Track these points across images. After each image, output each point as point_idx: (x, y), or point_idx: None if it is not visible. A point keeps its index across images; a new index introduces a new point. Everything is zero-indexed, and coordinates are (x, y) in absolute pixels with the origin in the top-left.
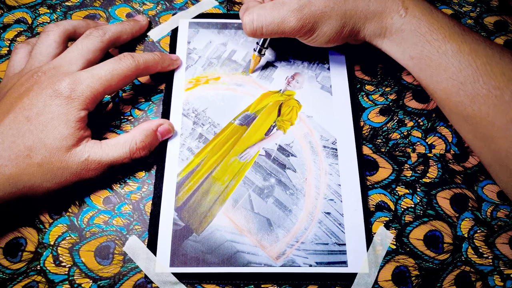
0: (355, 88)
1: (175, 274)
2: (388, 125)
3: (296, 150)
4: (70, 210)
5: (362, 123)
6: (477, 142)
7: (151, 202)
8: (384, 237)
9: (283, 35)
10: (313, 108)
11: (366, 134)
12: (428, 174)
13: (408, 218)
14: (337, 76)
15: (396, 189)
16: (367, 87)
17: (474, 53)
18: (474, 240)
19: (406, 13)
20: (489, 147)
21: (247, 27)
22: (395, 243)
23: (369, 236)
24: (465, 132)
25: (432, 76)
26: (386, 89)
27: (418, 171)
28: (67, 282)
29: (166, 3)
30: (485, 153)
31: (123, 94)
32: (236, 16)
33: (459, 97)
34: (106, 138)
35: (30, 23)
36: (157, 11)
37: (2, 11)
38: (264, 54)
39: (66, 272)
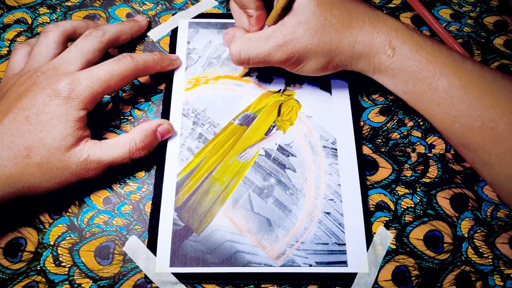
0: (355, 87)
1: (175, 274)
2: (388, 125)
3: (296, 150)
4: (70, 210)
5: (362, 123)
6: (478, 165)
7: (151, 202)
8: (384, 237)
9: (270, 65)
10: (313, 108)
11: (366, 134)
12: (428, 174)
13: (408, 218)
14: (337, 76)
15: (396, 189)
16: (367, 87)
17: (466, 87)
18: (474, 240)
19: (394, 53)
20: (488, 172)
21: (235, 58)
22: (395, 243)
23: (369, 236)
24: (465, 156)
25: (426, 109)
26: (386, 89)
27: (418, 171)
28: (67, 282)
29: (166, 3)
30: (485, 175)
31: (123, 94)
32: None
33: (455, 128)
34: (106, 138)
35: (30, 23)
36: (157, 11)
37: (2, 11)
38: None
39: (66, 272)
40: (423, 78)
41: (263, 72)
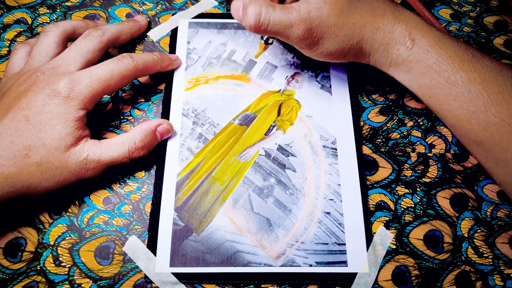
0: (355, 87)
1: (175, 274)
2: (388, 125)
3: (296, 150)
4: (70, 210)
5: (362, 123)
6: (490, 164)
7: (151, 202)
8: (384, 237)
9: (285, 40)
10: (313, 108)
11: (366, 133)
12: (428, 174)
13: (408, 217)
14: (337, 75)
15: (396, 188)
16: (367, 86)
17: (485, 82)
18: (474, 240)
19: (413, 44)
20: (502, 170)
21: (252, 20)
22: (395, 243)
23: (369, 236)
24: (477, 154)
25: (442, 105)
26: (386, 89)
27: (418, 171)
28: (67, 282)
29: (166, 3)
30: (497, 173)
31: (123, 94)
32: None
33: (471, 124)
34: (105, 138)
35: (30, 23)
36: (157, 11)
37: (2, 11)
38: (271, 43)
39: (66, 272)
40: (441, 71)
41: (266, 66)
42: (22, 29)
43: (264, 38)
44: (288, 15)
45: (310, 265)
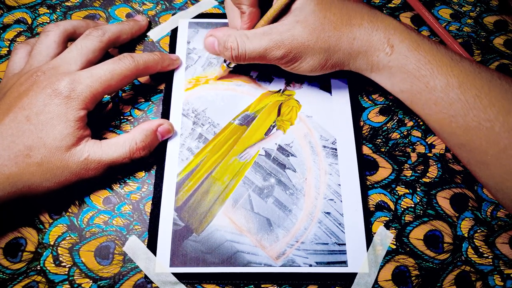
0: (355, 87)
1: (175, 274)
2: (388, 125)
3: (296, 150)
4: (70, 210)
5: (362, 123)
6: (473, 166)
7: (151, 202)
8: (384, 237)
9: (266, 62)
10: (313, 108)
11: (366, 134)
12: (428, 174)
13: (408, 218)
14: (337, 76)
15: (396, 189)
16: (367, 86)
17: (463, 87)
18: (474, 240)
19: (392, 51)
20: (484, 172)
21: (231, 53)
22: (395, 243)
23: (369, 236)
24: (461, 157)
25: (423, 109)
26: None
27: (418, 171)
28: (67, 282)
29: (166, 3)
30: (480, 176)
31: (123, 94)
32: None
33: (451, 128)
34: (106, 138)
35: (30, 23)
36: (157, 11)
37: (2, 11)
38: (232, 68)
39: (66, 272)
40: (420, 76)
41: (266, 66)
42: (22, 29)
43: (227, 62)
44: (261, 41)
45: (310, 265)
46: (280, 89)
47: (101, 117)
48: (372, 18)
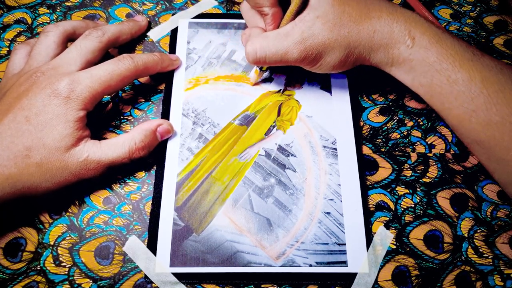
0: (355, 87)
1: (175, 274)
2: (388, 125)
3: (296, 150)
4: (70, 210)
5: (362, 123)
6: (492, 163)
7: (151, 202)
8: (384, 237)
9: (287, 64)
10: (313, 108)
11: (366, 134)
12: (428, 174)
13: (408, 218)
14: (337, 75)
15: (396, 189)
16: (367, 86)
17: (486, 81)
18: (474, 240)
19: (413, 43)
20: (504, 169)
21: (250, 57)
22: (395, 243)
23: (369, 236)
24: (478, 154)
25: (443, 103)
26: (386, 89)
27: (418, 171)
28: (67, 282)
29: (166, 3)
30: (499, 173)
31: (123, 94)
32: (236, 16)
33: (472, 124)
34: (105, 138)
35: (30, 23)
36: (157, 11)
37: (2, 11)
38: (266, 70)
39: (66, 272)
40: (442, 69)
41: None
42: (22, 29)
43: (259, 66)
44: (283, 42)
45: (310, 265)
46: (280, 89)
47: (101, 117)
48: (391, 10)
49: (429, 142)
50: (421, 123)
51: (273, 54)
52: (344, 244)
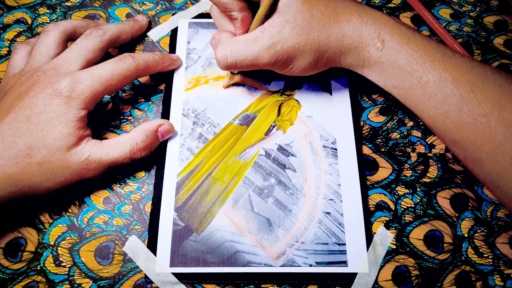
0: (355, 87)
1: (175, 274)
2: (388, 125)
3: (296, 150)
4: (70, 210)
5: (362, 123)
6: (469, 163)
7: (151, 202)
8: (384, 237)
9: (258, 68)
10: (313, 108)
11: (366, 133)
12: (428, 174)
13: (408, 218)
14: (337, 76)
15: (396, 189)
16: (367, 86)
17: (457, 81)
18: (474, 240)
19: (383, 46)
20: (480, 169)
21: (221, 63)
22: (395, 243)
23: (369, 236)
24: (456, 154)
25: (417, 105)
26: None
27: (418, 171)
28: (67, 282)
29: (166, 3)
30: (477, 173)
31: (123, 94)
32: None
33: (446, 124)
34: (106, 138)
35: (30, 23)
36: (157, 11)
37: (2, 11)
38: (238, 73)
39: (66, 272)
40: (413, 71)
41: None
42: (22, 29)
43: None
44: (253, 47)
45: (310, 265)
46: (280, 89)
47: (101, 117)
48: (360, 13)
49: (429, 142)
50: (421, 123)
51: (244, 59)
52: (344, 244)
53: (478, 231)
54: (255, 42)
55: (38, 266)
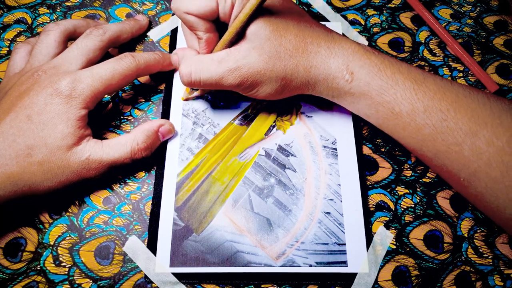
0: None
1: (175, 274)
2: None
3: (296, 150)
4: (70, 210)
5: (362, 123)
6: (451, 184)
7: (151, 202)
8: (384, 237)
9: (222, 88)
10: (313, 108)
11: (366, 133)
12: (428, 174)
13: (408, 218)
14: None
15: (396, 189)
16: None
17: (429, 111)
18: (474, 240)
19: (352, 78)
20: (461, 191)
21: (185, 79)
22: (395, 243)
23: (369, 236)
24: (441, 176)
25: (393, 133)
26: None
27: (418, 171)
28: (67, 282)
29: (166, 3)
30: (464, 194)
31: (123, 94)
32: None
33: (423, 152)
34: (106, 138)
35: (30, 23)
36: (157, 11)
37: (2, 11)
38: (197, 89)
39: (66, 272)
40: (384, 102)
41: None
42: (22, 29)
43: None
44: (217, 68)
45: (310, 265)
46: None
47: (101, 117)
48: (329, 44)
49: None
50: None
51: (207, 78)
52: (344, 244)
53: (478, 231)
54: (219, 64)
55: (38, 266)
